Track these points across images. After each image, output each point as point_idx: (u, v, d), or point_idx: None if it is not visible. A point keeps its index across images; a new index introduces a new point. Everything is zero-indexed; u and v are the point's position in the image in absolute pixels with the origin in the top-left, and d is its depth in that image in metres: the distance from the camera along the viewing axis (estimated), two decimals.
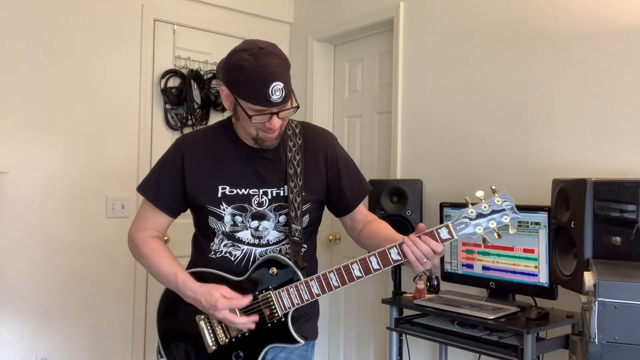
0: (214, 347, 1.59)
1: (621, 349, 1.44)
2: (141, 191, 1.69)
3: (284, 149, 1.64)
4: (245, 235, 1.63)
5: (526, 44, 2.58)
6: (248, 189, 1.61)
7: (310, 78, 3.72)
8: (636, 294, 1.44)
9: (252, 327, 1.54)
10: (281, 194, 1.63)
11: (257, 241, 1.63)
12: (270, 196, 1.62)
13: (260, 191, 1.62)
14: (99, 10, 3.13)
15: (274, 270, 1.57)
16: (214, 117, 3.48)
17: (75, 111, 3.05)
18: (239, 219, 1.61)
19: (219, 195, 1.61)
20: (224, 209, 1.61)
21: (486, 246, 2.46)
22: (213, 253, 1.65)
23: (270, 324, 1.56)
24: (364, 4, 3.39)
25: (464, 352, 2.62)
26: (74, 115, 3.04)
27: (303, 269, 1.58)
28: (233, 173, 1.62)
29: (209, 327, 1.60)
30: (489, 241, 1.48)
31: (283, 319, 1.55)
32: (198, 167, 1.64)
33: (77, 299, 3.05)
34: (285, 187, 1.62)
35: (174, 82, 3.41)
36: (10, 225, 2.85)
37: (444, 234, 1.46)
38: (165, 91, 3.35)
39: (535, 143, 2.54)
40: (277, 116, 1.49)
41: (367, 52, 3.54)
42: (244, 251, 1.63)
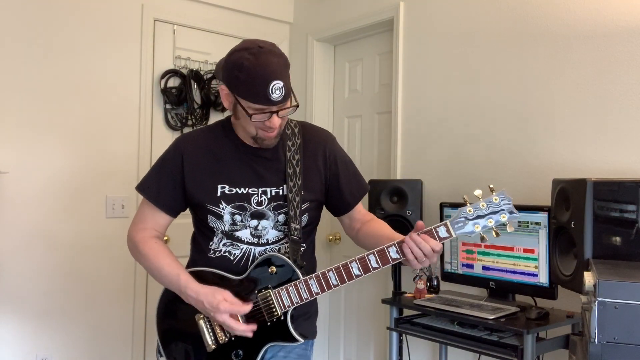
0: (213, 346, 1.59)
1: (621, 349, 1.44)
2: (140, 190, 1.69)
3: (283, 149, 1.65)
4: (245, 234, 1.63)
5: (526, 44, 2.58)
6: (247, 188, 1.62)
7: (310, 78, 3.72)
8: (636, 294, 1.44)
9: (250, 336, 1.54)
10: (280, 193, 1.63)
11: (256, 240, 1.63)
12: (269, 195, 1.62)
13: (260, 190, 1.62)
14: (99, 10, 3.13)
15: (273, 269, 1.58)
16: (214, 117, 3.48)
17: (75, 111, 3.05)
18: (238, 218, 1.61)
19: (219, 194, 1.61)
20: (223, 208, 1.61)
21: (486, 246, 2.46)
22: (212, 252, 1.65)
23: (269, 323, 1.56)
24: (364, 4, 3.39)
25: (464, 352, 2.62)
26: (74, 115, 3.04)
27: (302, 267, 1.58)
28: (232, 172, 1.63)
29: (208, 326, 1.60)
30: (487, 240, 1.48)
31: (282, 317, 1.56)
32: (197, 166, 1.64)
33: (77, 299, 3.05)
34: (285, 186, 1.63)
35: (174, 82, 3.41)
36: (10, 225, 2.85)
37: (442, 232, 1.46)
38: (165, 91, 3.35)
39: (535, 143, 2.54)
40: (277, 115, 1.49)
41: (367, 52, 3.54)
42: (243, 250, 1.63)
